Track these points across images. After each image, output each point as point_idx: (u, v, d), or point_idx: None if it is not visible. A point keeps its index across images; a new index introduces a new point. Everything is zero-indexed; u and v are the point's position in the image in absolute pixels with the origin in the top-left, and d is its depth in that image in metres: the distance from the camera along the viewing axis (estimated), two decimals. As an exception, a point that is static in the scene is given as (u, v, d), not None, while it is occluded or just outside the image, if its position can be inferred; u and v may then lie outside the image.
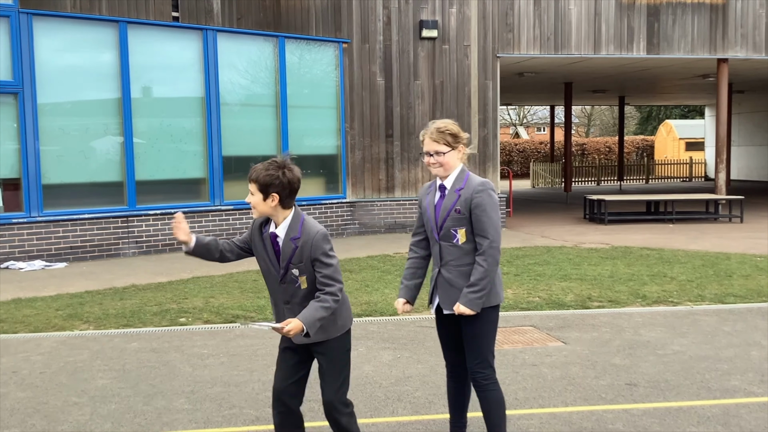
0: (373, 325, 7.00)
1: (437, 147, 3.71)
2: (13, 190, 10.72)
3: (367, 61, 14.03)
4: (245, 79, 12.92)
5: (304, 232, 3.46)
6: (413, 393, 5.04)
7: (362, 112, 14.08)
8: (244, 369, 5.65)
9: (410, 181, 14.58)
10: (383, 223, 14.35)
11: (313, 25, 13.40)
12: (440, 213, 3.75)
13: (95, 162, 11.45)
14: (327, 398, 3.60)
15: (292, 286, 3.51)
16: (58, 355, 6.03)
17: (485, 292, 3.64)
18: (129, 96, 11.49)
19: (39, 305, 7.89)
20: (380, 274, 9.61)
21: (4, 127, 10.61)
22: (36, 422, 4.56)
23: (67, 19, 10.97)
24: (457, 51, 14.62)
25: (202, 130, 12.36)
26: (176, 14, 11.90)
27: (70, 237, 11.02)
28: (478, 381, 3.76)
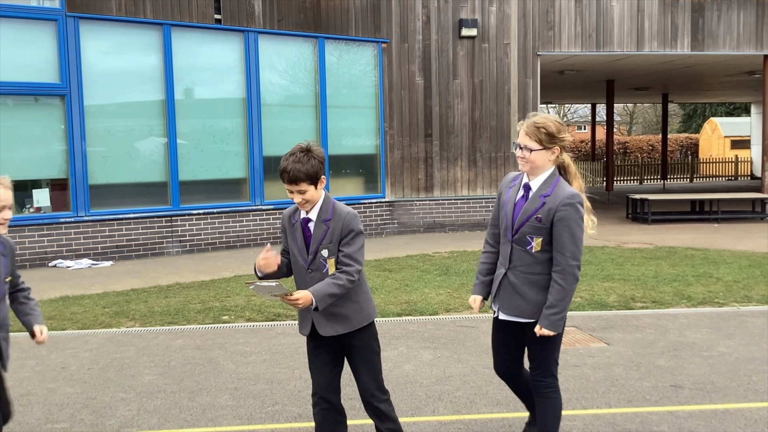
0: (413, 324, 7.00)
1: (527, 142, 3.51)
2: (61, 191, 10.98)
3: (406, 61, 14.04)
4: (285, 80, 13.04)
5: (335, 213, 3.51)
6: (454, 392, 5.04)
7: (401, 112, 14.10)
8: (286, 366, 5.71)
9: (449, 181, 14.55)
10: (422, 223, 14.34)
11: (353, 26, 13.46)
12: (519, 215, 3.55)
13: (140, 162, 11.66)
14: (365, 387, 3.63)
15: (319, 273, 3.52)
16: (105, 352, 6.16)
17: (565, 311, 3.48)
18: (173, 97, 11.69)
19: (86, 303, 8.08)
20: (420, 273, 9.61)
21: (52, 128, 10.87)
22: (84, 417, 4.67)
23: (113, 23, 11.20)
24: (496, 49, 14.54)
25: (244, 130, 12.51)
26: (218, 16, 12.06)
27: (115, 236, 11.25)
28: (540, 389, 3.65)
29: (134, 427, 4.51)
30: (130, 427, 4.51)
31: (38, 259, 10.61)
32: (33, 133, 10.78)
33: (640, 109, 54.37)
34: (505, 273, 3.64)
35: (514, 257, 3.59)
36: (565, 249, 3.43)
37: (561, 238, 3.44)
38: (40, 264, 10.62)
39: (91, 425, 4.55)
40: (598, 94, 26.45)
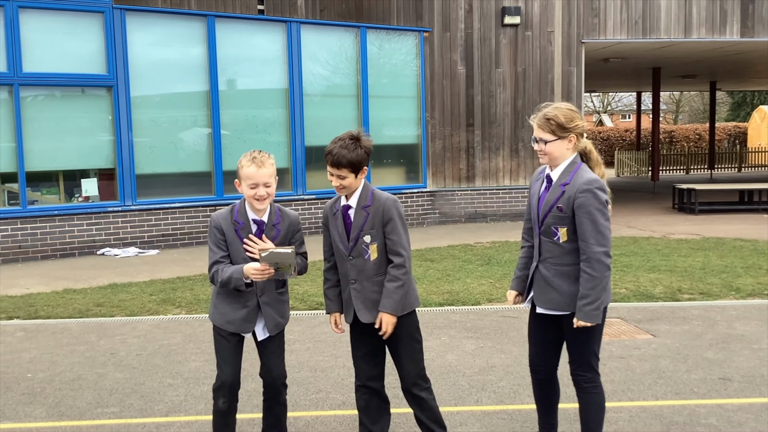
0: (455, 314, 6.99)
1: (541, 134, 3.50)
2: (109, 180, 11.21)
3: (448, 50, 13.95)
4: (327, 70, 13.07)
5: (375, 200, 3.55)
6: (497, 383, 5.02)
7: (443, 101, 14.03)
8: (329, 355, 5.75)
9: (491, 171, 14.45)
10: (463, 213, 14.28)
11: (395, 15, 13.42)
12: (542, 207, 3.54)
13: (184, 153, 11.83)
14: (406, 375, 3.64)
15: (361, 259, 3.55)
16: (152, 338, 6.28)
17: (601, 301, 3.39)
18: (216, 88, 11.82)
19: (134, 290, 8.24)
20: (461, 263, 9.58)
21: (100, 119, 11.09)
22: (134, 402, 4.78)
23: (158, 14, 11.35)
24: (540, 37, 14.36)
25: (286, 121, 12.59)
26: (261, 7, 12.14)
27: (161, 225, 11.44)
28: (580, 383, 3.58)
29: (182, 412, 4.60)
30: (178, 412, 4.60)
31: (87, 248, 10.85)
32: (80, 124, 11.00)
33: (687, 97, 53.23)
34: (536, 266, 3.62)
35: (543, 249, 3.57)
36: (588, 236, 3.38)
37: (582, 226, 3.39)
38: (88, 252, 10.85)
39: (140, 410, 4.64)
40: (643, 82, 25.96)
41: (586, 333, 3.49)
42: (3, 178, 10.50)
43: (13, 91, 10.27)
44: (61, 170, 10.96)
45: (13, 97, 10.29)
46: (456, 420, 4.36)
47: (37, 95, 10.67)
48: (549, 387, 3.77)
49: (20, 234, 10.34)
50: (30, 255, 10.39)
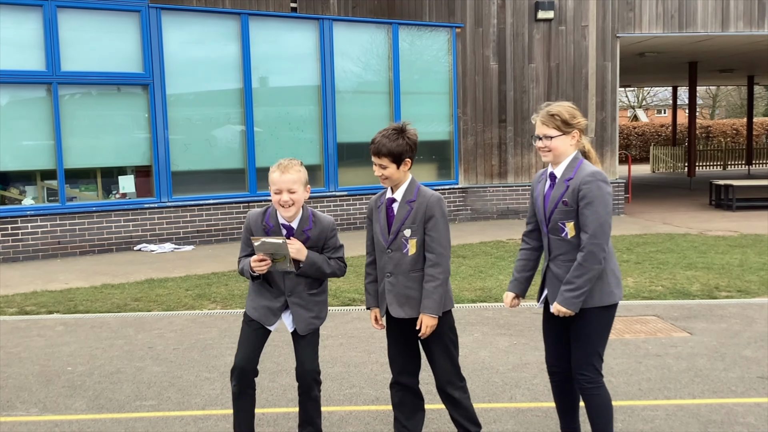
0: (487, 311, 6.98)
1: (545, 130, 3.52)
2: (145, 177, 11.38)
3: (481, 46, 13.90)
4: (358, 67, 13.10)
5: (420, 195, 3.58)
6: (531, 380, 5.01)
7: (475, 97, 13.98)
8: (362, 350, 5.79)
9: (524, 167, 14.37)
10: (496, 209, 14.23)
11: (427, 11, 13.40)
12: (548, 204, 3.55)
13: (218, 150, 11.96)
14: (439, 374, 3.64)
15: (399, 253, 3.56)
16: (189, 333, 6.38)
17: (583, 291, 3.39)
18: (250, 86, 11.92)
19: (170, 285, 8.36)
20: (494, 260, 9.55)
21: (136, 117, 11.26)
22: (171, 395, 4.86)
23: (193, 13, 11.48)
24: (574, 32, 14.23)
25: (318, 117, 12.65)
26: (294, 5, 12.21)
27: (196, 221, 11.59)
28: (581, 383, 3.54)
29: (218, 405, 4.66)
30: (215, 405, 4.67)
31: (124, 243, 11.03)
32: (117, 122, 11.18)
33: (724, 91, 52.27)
34: (548, 265, 3.62)
35: (553, 247, 3.58)
36: (587, 227, 3.39)
37: (583, 217, 3.41)
38: (125, 248, 11.03)
39: (178, 403, 4.72)
40: (679, 76, 25.58)
41: (590, 329, 3.48)
42: (42, 175, 10.73)
43: (51, 89, 10.48)
44: (98, 167, 11.16)
45: (51, 95, 10.49)
46: (490, 417, 4.36)
47: (74, 93, 10.86)
48: (568, 388, 3.74)
49: (59, 230, 10.55)
50: (69, 250, 10.59)
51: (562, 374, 3.71)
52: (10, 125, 10.37)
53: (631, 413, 4.38)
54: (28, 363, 5.59)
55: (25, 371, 5.40)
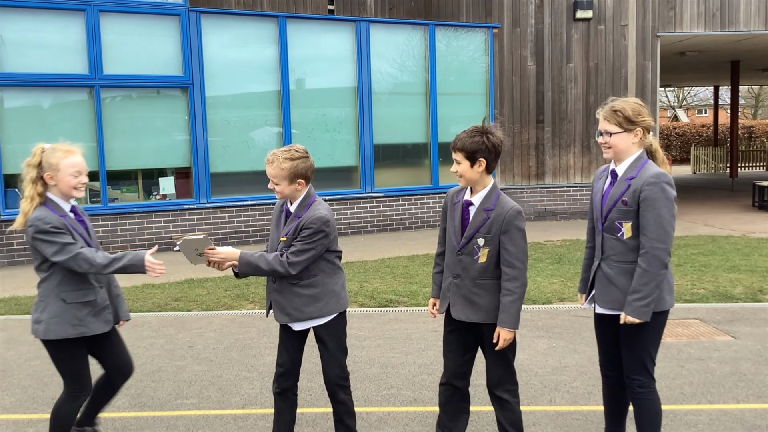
0: (526, 313, 6.93)
1: (606, 126, 3.45)
2: (185, 179, 11.53)
3: (518, 46, 13.81)
4: (395, 68, 13.11)
5: (499, 205, 3.48)
6: (571, 383, 4.96)
7: (512, 98, 13.89)
8: (400, 351, 5.79)
9: (561, 168, 14.23)
10: (533, 211, 14.12)
11: (464, 12, 13.36)
12: (606, 202, 3.47)
13: (256, 151, 12.06)
14: (493, 375, 3.61)
15: (469, 258, 3.52)
16: (228, 332, 6.45)
17: (652, 298, 3.30)
18: (287, 88, 12.01)
19: (209, 285, 8.46)
20: (531, 262, 9.48)
21: (176, 119, 11.42)
22: (211, 394, 4.91)
23: (232, 16, 11.61)
24: (613, 31, 14.07)
25: (355, 119, 12.69)
26: (331, 7, 12.27)
27: (234, 222, 11.71)
28: (633, 388, 3.49)
29: (258, 405, 4.71)
30: (254, 405, 4.71)
31: (164, 244, 11.18)
32: (157, 124, 11.35)
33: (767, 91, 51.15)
34: (599, 265, 3.55)
35: (606, 246, 3.50)
36: (649, 230, 3.31)
37: (645, 219, 3.32)
38: (165, 248, 11.18)
39: (218, 402, 4.78)
40: (721, 76, 25.09)
41: (642, 334, 3.41)
42: (85, 177, 10.93)
43: (94, 92, 10.68)
44: (139, 169, 11.34)
45: (94, 98, 10.69)
46: (529, 420, 4.33)
47: (115, 96, 11.05)
48: (620, 392, 3.68)
49: (101, 230, 10.74)
50: (110, 251, 10.78)
51: (616, 378, 3.66)
52: (54, 128, 10.59)
53: (673, 418, 4.31)
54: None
55: (69, 369, 5.50)
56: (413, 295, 7.70)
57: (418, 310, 7.18)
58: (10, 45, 10.21)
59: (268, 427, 4.36)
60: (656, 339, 3.48)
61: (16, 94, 10.44)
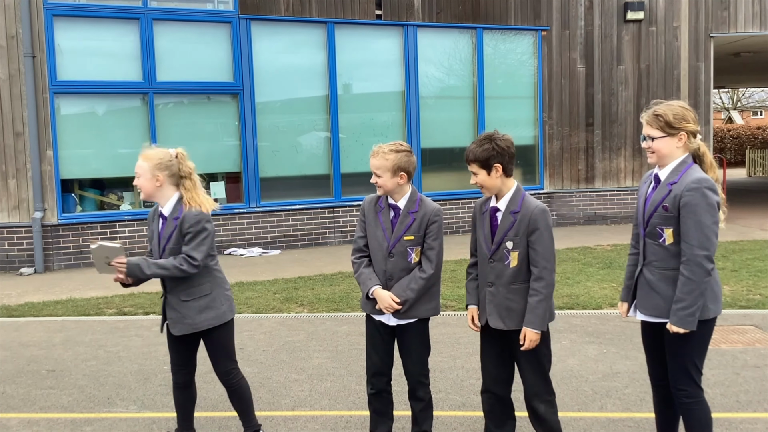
0: (575, 318, 6.85)
1: (649, 131, 3.39)
2: (235, 183, 11.72)
3: (567, 48, 13.67)
4: (442, 72, 13.11)
5: (524, 206, 3.50)
6: (622, 389, 4.89)
7: (561, 101, 13.75)
8: (447, 356, 5.78)
9: (611, 171, 14.03)
10: (582, 215, 13.94)
11: (512, 15, 13.28)
12: (648, 207, 3.42)
13: (304, 156, 12.19)
14: (529, 385, 3.58)
15: (500, 264, 3.52)
16: (277, 335, 6.52)
17: (697, 306, 3.24)
18: (335, 93, 12.11)
19: (259, 288, 8.57)
20: (581, 266, 9.36)
21: (226, 125, 11.61)
22: (262, 395, 4.98)
23: (281, 23, 11.76)
24: (665, 32, 13.82)
25: (402, 123, 12.72)
26: (379, 12, 12.33)
27: (283, 226, 11.85)
28: (680, 398, 3.41)
29: (307, 407, 4.76)
30: (303, 407, 4.76)
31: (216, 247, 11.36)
32: (208, 130, 11.56)
33: (827, 91, 49.52)
34: (641, 270, 3.49)
35: (648, 252, 3.44)
36: (690, 237, 3.23)
37: (686, 226, 3.25)
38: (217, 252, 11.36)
39: (268, 403, 4.84)
40: (777, 76, 24.40)
41: (687, 343, 3.33)
42: (139, 182, 11.19)
43: (147, 99, 10.93)
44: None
45: (147, 105, 10.95)
46: (579, 426, 4.29)
47: (167, 102, 11.29)
48: (671, 400, 3.60)
49: (154, 234, 10.97)
50: (163, 254, 11.00)
51: (666, 386, 3.58)
52: (108, 134, 10.87)
53: (728, 426, 4.21)
54: (127, 362, 5.85)
55: (124, 370, 5.65)
56: (461, 300, 7.67)
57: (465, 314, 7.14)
58: (66, 53, 10.53)
59: (318, 429, 4.41)
60: (702, 348, 3.40)
61: (73, 101, 10.75)
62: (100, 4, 10.67)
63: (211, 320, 3.91)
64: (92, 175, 10.95)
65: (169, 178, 3.87)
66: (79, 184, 11.01)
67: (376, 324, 3.91)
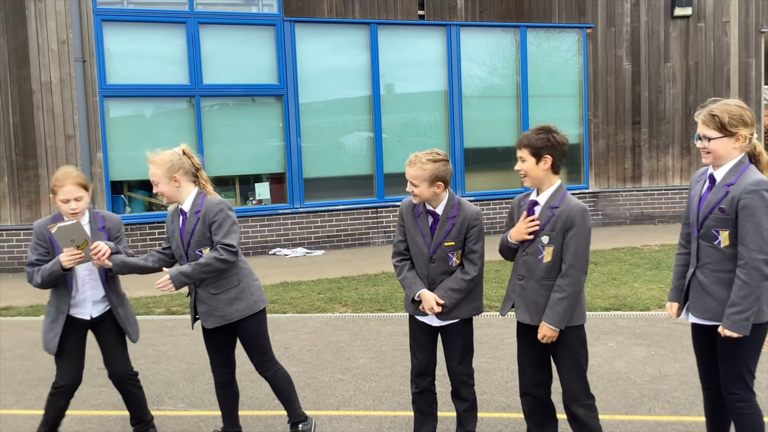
0: (622, 319, 6.76)
1: (705, 131, 3.31)
2: (279, 184, 11.83)
3: (613, 46, 13.47)
4: (485, 71, 13.03)
5: (563, 203, 3.47)
6: (671, 393, 4.80)
7: (606, 99, 13.56)
8: (492, 357, 5.75)
9: (659, 170, 13.78)
10: (629, 214, 13.72)
11: (556, 13, 13.14)
12: (703, 208, 3.34)
13: (348, 157, 12.25)
14: (566, 388, 3.54)
15: (533, 258, 3.50)
16: (322, 335, 6.57)
17: (752, 311, 3.16)
18: (378, 93, 12.14)
19: (303, 288, 8.65)
20: (628, 267, 9.22)
21: (271, 126, 11.73)
22: (307, 395, 5.02)
23: (324, 24, 11.84)
24: (714, 28, 13.52)
25: (445, 123, 12.69)
26: (422, 12, 12.32)
27: (326, 227, 11.92)
28: (732, 402, 3.34)
29: (351, 407, 4.78)
30: (348, 406, 4.79)
31: (260, 248, 11.52)
32: (252, 131, 11.69)
33: None
34: (693, 272, 3.42)
35: (702, 254, 3.36)
36: (748, 241, 3.14)
37: (744, 229, 3.16)
38: (261, 252, 11.51)
39: (314, 403, 4.88)
40: (833, 71, 23.67)
41: (740, 346, 3.26)
42: (186, 183, 11.39)
43: (194, 102, 11.11)
44: (236, 175, 11.72)
45: (194, 107, 11.13)
46: (627, 429, 4.23)
47: (213, 105, 11.45)
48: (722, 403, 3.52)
49: (201, 234, 11.14)
50: (209, 254, 11.17)
51: (717, 390, 3.50)
52: (156, 136, 11.07)
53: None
54: (175, 360, 5.95)
55: (172, 368, 5.75)
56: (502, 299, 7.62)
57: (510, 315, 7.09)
58: (115, 57, 10.76)
59: (363, 429, 4.43)
60: (755, 352, 3.33)
61: (121, 104, 10.98)
62: (147, 9, 10.89)
63: (243, 311, 3.94)
64: (140, 176, 11.16)
65: (184, 176, 3.91)
66: (128, 185, 11.25)
67: (419, 324, 3.92)
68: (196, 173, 3.95)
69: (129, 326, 4.19)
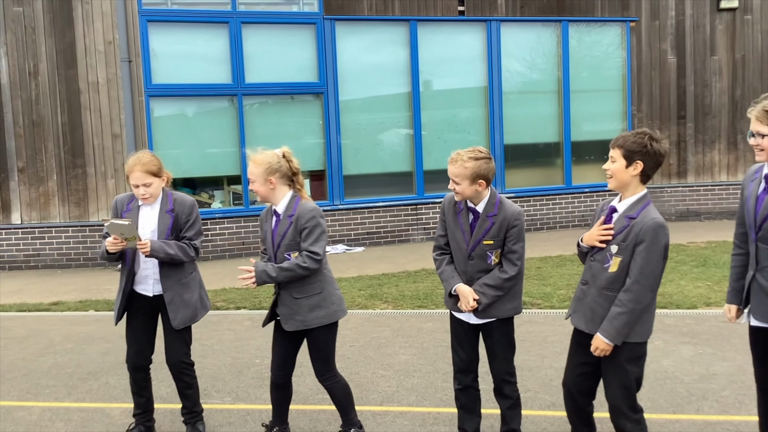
0: (669, 318, 6.66)
1: (759, 127, 3.19)
2: (319, 181, 11.90)
3: (657, 39, 13.25)
4: (525, 67, 12.92)
5: (642, 215, 3.28)
6: (720, 392, 4.72)
7: (650, 93, 13.35)
8: (535, 354, 5.72)
9: (705, 166, 13.52)
10: (674, 211, 13.49)
11: (599, 6, 12.97)
12: (761, 209, 3.22)
13: (387, 153, 12.26)
14: (610, 398, 3.43)
15: (599, 265, 3.38)
16: (364, 331, 6.60)
17: None
18: (418, 90, 12.13)
19: (343, 285, 8.69)
20: (674, 264, 9.07)
21: (311, 124, 11.81)
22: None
23: (364, 22, 11.86)
24: (761, 21, 13.21)
25: (485, 119, 12.62)
26: (462, 8, 12.27)
27: (366, 224, 11.96)
28: None
29: (394, 402, 4.80)
30: (391, 402, 4.81)
31: (300, 244, 11.58)
32: (292, 129, 11.77)
33: None
34: (753, 275, 3.31)
35: (762, 257, 3.24)
36: None
37: None
38: (301, 248, 11.58)
39: (357, 398, 4.88)
40: None
41: None
42: (228, 180, 11.53)
43: (236, 100, 11.24)
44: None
45: (236, 106, 11.25)
46: (675, 428, 4.17)
47: (254, 103, 11.57)
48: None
49: (243, 231, 11.28)
50: (252, 250, 11.30)
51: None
52: (198, 134, 11.24)
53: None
54: (221, 355, 6.04)
55: (218, 362, 5.84)
56: (547, 297, 7.57)
57: (552, 312, 7.06)
58: (160, 57, 10.94)
59: (407, 425, 4.44)
60: None
61: (166, 103, 11.15)
62: (191, 9, 11.04)
63: (322, 318, 3.96)
64: (184, 174, 11.33)
65: (280, 180, 3.97)
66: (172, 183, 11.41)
67: (459, 321, 3.91)
68: (292, 177, 3.99)
69: (173, 311, 4.20)
